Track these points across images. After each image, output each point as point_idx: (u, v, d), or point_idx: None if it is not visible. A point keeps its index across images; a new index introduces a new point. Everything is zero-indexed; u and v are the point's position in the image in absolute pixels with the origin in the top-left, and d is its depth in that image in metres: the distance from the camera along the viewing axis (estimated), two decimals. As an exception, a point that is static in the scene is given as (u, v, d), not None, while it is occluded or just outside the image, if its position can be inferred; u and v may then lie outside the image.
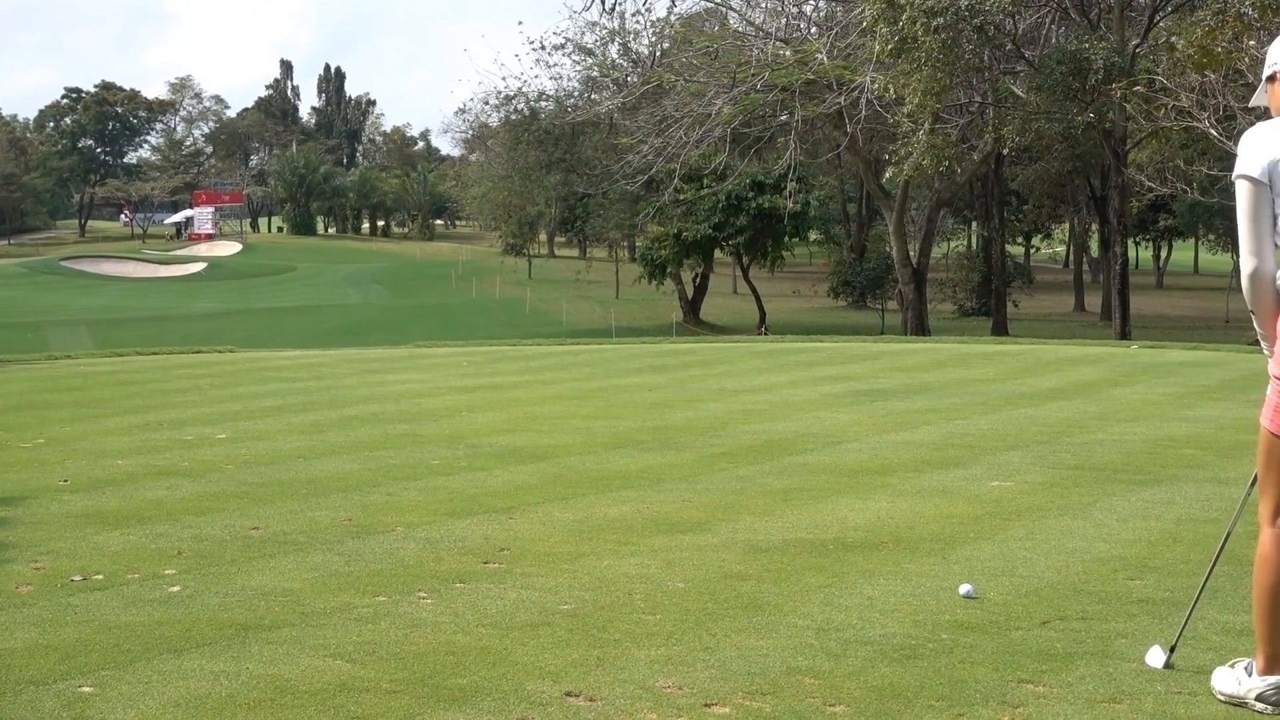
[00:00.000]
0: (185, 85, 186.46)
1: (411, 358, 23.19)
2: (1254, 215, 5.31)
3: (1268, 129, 5.36)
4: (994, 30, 42.65)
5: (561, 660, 5.98)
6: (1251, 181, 5.29)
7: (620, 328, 62.99)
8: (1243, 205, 5.33)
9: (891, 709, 5.40)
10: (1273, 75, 5.49)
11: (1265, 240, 5.32)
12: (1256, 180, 5.28)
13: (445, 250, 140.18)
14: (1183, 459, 11.76)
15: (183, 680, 5.70)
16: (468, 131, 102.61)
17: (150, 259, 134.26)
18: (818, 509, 9.56)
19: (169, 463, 11.50)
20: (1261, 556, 5.53)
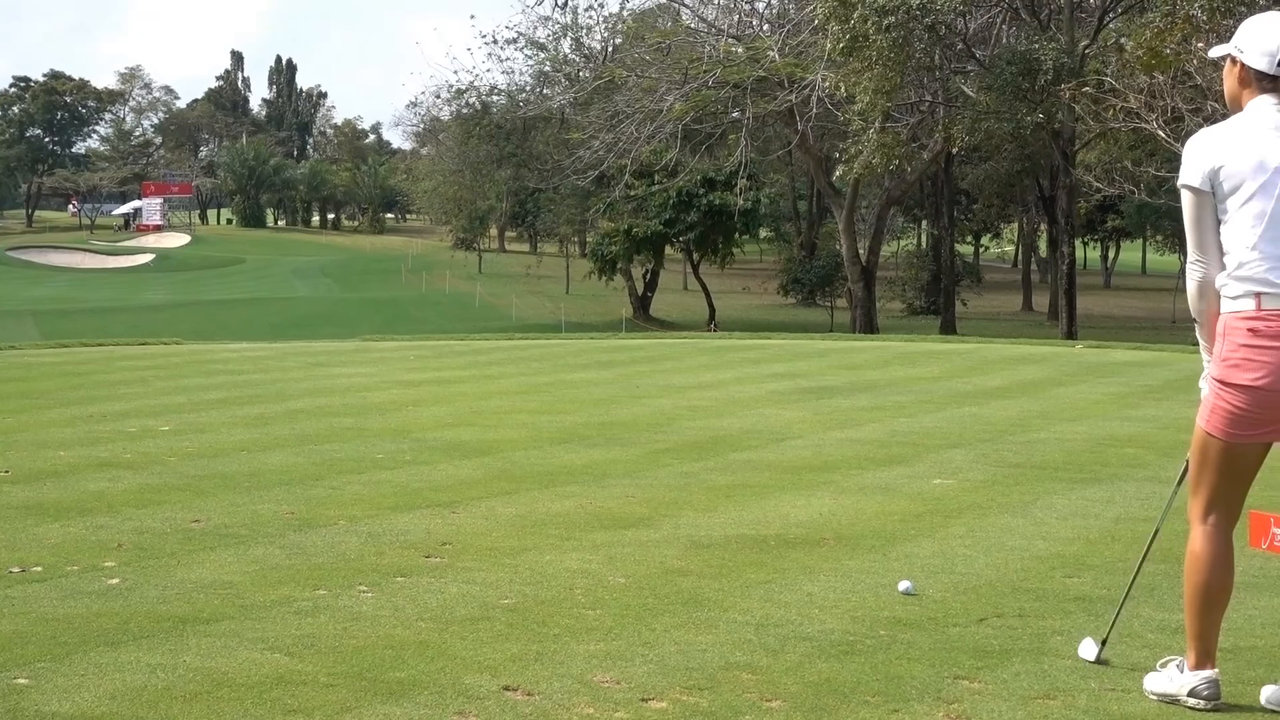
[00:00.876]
0: (135, 75, 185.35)
1: (358, 351, 23.14)
2: (1198, 223, 5.40)
3: (1211, 135, 5.40)
4: (945, 30, 42.85)
5: (500, 654, 5.98)
6: (1193, 191, 5.36)
7: (570, 323, 62.93)
8: (1187, 214, 5.43)
9: (828, 704, 5.42)
10: (1231, 58, 5.51)
11: (1210, 248, 5.40)
12: (1197, 189, 5.34)
13: (395, 244, 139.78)
14: (1124, 458, 11.85)
15: (119, 673, 5.68)
16: (419, 125, 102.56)
17: (98, 250, 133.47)
18: (760, 505, 9.59)
19: (111, 454, 11.44)
20: (1192, 554, 5.60)
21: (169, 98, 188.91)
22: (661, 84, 48.85)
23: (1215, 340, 5.45)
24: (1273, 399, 5.32)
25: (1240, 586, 7.08)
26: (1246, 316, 5.31)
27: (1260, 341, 5.29)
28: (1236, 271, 5.33)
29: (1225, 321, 5.40)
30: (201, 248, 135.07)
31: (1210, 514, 5.59)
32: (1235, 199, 5.31)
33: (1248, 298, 5.31)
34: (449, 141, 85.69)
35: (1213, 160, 5.32)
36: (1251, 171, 5.28)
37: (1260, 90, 5.39)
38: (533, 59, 66.69)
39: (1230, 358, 5.37)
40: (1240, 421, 5.41)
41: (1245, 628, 6.55)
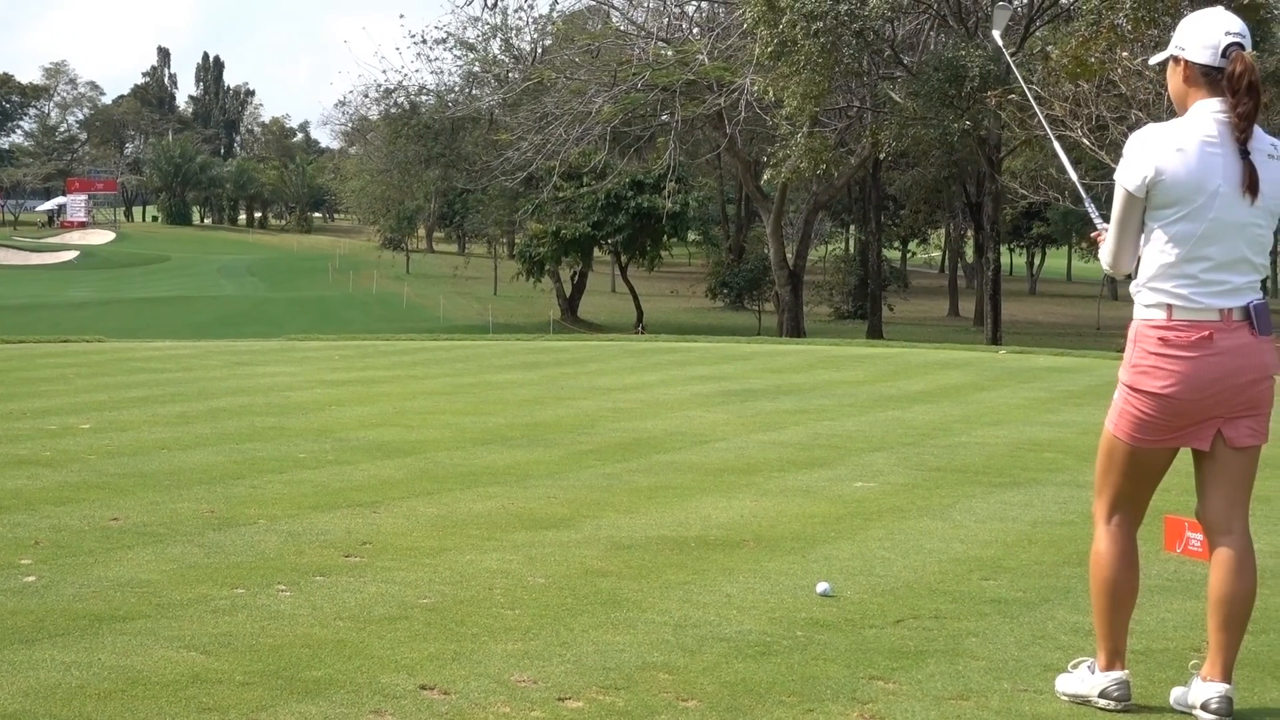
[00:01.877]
0: (60, 70, 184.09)
1: (282, 350, 23.04)
2: (1123, 222, 5.48)
3: (1156, 140, 5.41)
4: (873, 36, 43.00)
5: (418, 654, 5.98)
6: (1127, 193, 5.41)
7: (498, 324, 62.85)
8: (1116, 209, 5.49)
9: (743, 704, 5.45)
10: (1174, 58, 5.51)
11: (1126, 247, 5.51)
12: (1131, 194, 5.40)
13: (323, 243, 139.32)
14: (1043, 462, 11.95)
15: (33, 670, 5.64)
16: (347, 124, 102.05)
17: (21, 246, 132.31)
18: (682, 507, 9.61)
19: (30, 452, 11.36)
20: (1096, 554, 5.68)
21: (94, 94, 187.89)
22: (590, 86, 48.85)
23: (1127, 345, 5.53)
24: (1180, 407, 5.41)
25: (1154, 590, 7.18)
26: (1158, 325, 5.41)
27: (1170, 351, 5.38)
28: (1150, 282, 5.42)
29: (1137, 329, 5.50)
30: (126, 245, 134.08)
31: (1114, 514, 5.68)
32: (1165, 214, 5.37)
33: (1159, 308, 5.40)
34: (377, 141, 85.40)
35: (1153, 169, 5.33)
36: (1187, 192, 5.31)
37: (1205, 91, 5.40)
38: (462, 59, 66.59)
39: (1140, 364, 5.46)
40: (1147, 427, 5.50)
41: (1157, 630, 6.63)
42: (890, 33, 45.18)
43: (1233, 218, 5.31)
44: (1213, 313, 5.34)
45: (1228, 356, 5.35)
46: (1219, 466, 5.55)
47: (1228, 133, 5.32)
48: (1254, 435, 5.50)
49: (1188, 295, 5.34)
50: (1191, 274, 5.33)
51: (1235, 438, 5.47)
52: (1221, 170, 5.30)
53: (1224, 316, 5.34)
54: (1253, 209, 5.33)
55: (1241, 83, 5.27)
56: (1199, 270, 5.33)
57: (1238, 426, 5.46)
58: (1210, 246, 5.33)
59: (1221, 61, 5.33)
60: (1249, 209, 5.32)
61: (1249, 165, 5.29)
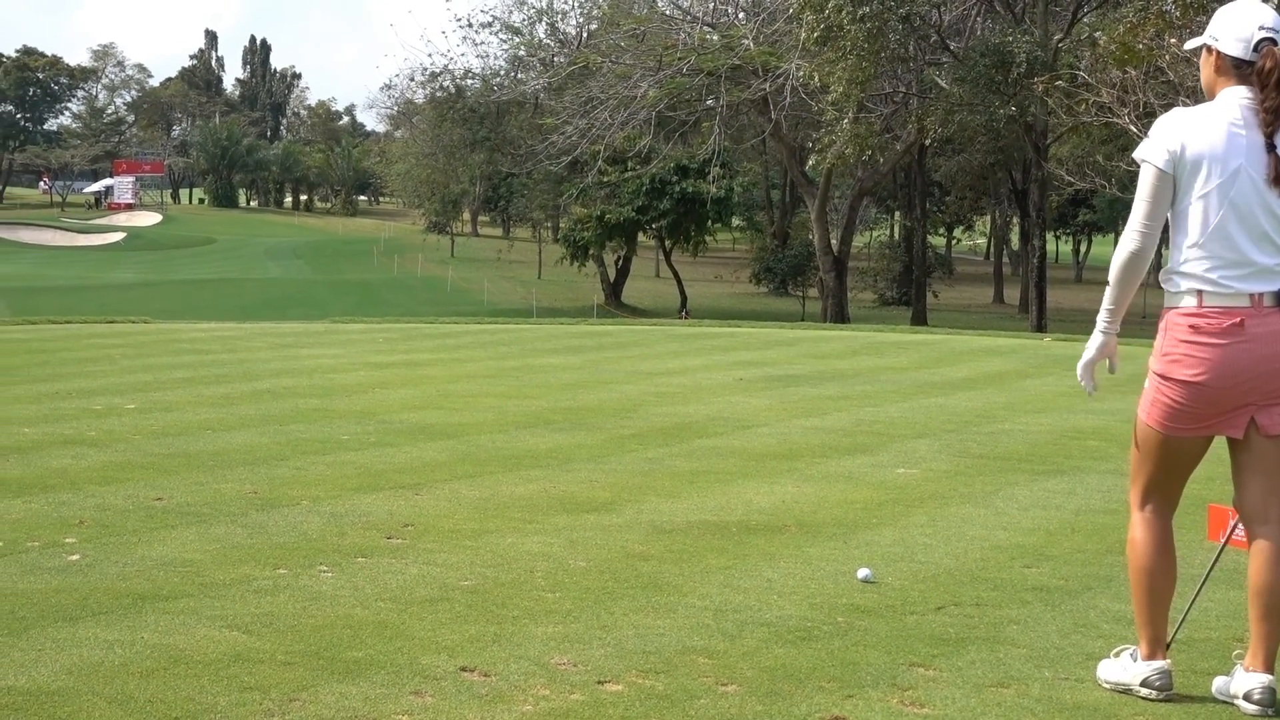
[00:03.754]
0: (108, 53, 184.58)
1: (327, 333, 23.12)
2: (1154, 199, 5.42)
3: (1181, 119, 5.43)
4: (919, 21, 42.91)
5: (458, 635, 6.00)
6: (1156, 169, 5.38)
7: (541, 308, 62.90)
8: (1144, 188, 5.43)
9: (783, 689, 5.44)
10: (1207, 47, 5.51)
11: (1157, 223, 5.43)
12: (1160, 169, 5.37)
13: (368, 226, 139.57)
14: (1086, 450, 11.90)
15: (76, 648, 5.68)
16: (393, 108, 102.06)
17: (69, 227, 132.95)
18: (723, 492, 9.61)
19: (76, 431, 11.43)
20: (1132, 542, 5.70)
21: (142, 76, 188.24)
22: (636, 70, 48.81)
23: (1158, 334, 5.53)
24: (1211, 394, 5.38)
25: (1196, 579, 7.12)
26: (1188, 313, 5.40)
27: (1201, 338, 5.36)
28: (1180, 267, 5.41)
29: (1167, 317, 5.49)
30: (173, 227, 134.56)
31: (1148, 502, 5.69)
32: (1191, 192, 5.35)
33: (1190, 294, 5.38)
34: (423, 125, 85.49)
35: (1179, 146, 5.34)
36: (1212, 169, 5.31)
37: (1235, 80, 5.40)
38: (507, 43, 66.75)
39: (1171, 353, 5.45)
40: (1179, 415, 5.48)
41: (1200, 620, 6.59)
42: (937, 18, 45.05)
43: (1258, 199, 5.30)
44: (1243, 298, 5.32)
45: (1260, 343, 5.33)
46: (1255, 455, 5.51)
47: (1254, 119, 5.31)
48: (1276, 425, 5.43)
49: (1218, 280, 5.33)
50: (1219, 255, 5.32)
51: (1269, 425, 5.42)
52: (1245, 151, 5.29)
53: (1255, 302, 5.32)
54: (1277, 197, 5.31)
55: (1271, 78, 5.27)
56: (1226, 251, 5.32)
57: (1272, 414, 5.41)
58: (1235, 225, 5.32)
59: (1253, 55, 5.34)
60: (1275, 196, 5.31)
61: (1275, 158, 5.28)
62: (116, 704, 5.06)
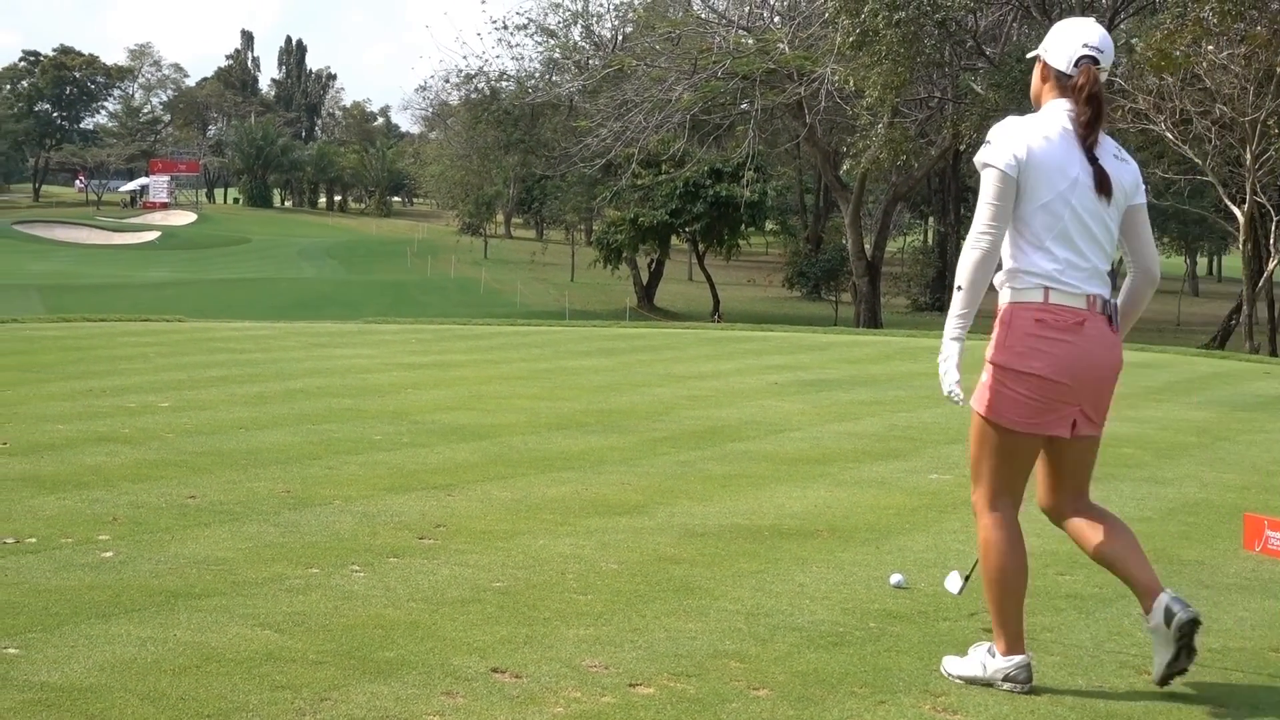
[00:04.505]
0: (145, 52, 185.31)
1: (361, 333, 23.15)
2: (1000, 202, 5.54)
3: (1020, 126, 5.61)
4: (955, 26, 42.81)
5: (490, 636, 6.00)
6: (1000, 174, 5.52)
7: (574, 311, 62.98)
8: (988, 192, 5.55)
9: (815, 694, 5.43)
10: (1039, 57, 5.75)
11: (1002, 228, 5.55)
12: (1005, 174, 5.51)
13: (401, 227, 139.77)
14: (1121, 458, 11.83)
15: (109, 645, 5.69)
16: (427, 109, 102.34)
17: (104, 226, 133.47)
18: (756, 496, 9.60)
19: (110, 429, 11.46)
20: (986, 543, 5.76)
21: (178, 76, 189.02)
22: (671, 74, 48.77)
23: (996, 327, 5.67)
24: (1053, 389, 5.54)
25: (1230, 588, 7.12)
26: (1034, 307, 5.55)
27: (1048, 333, 5.53)
28: (1023, 266, 5.57)
29: (1011, 311, 5.62)
30: (207, 226, 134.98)
31: (996, 501, 5.74)
32: (1033, 197, 5.53)
33: (1037, 290, 5.54)
34: (457, 126, 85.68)
35: (1024, 152, 5.51)
36: (1052, 175, 5.51)
37: (1058, 92, 5.65)
38: (542, 46, 66.77)
39: (1015, 346, 5.58)
40: (1021, 409, 5.60)
41: (1235, 630, 6.56)
42: (973, 23, 44.93)
43: (1092, 206, 5.55)
44: (1082, 299, 5.55)
45: (1093, 344, 5.58)
46: (1067, 455, 5.79)
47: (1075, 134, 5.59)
48: (1092, 425, 5.71)
49: (1062, 280, 5.52)
50: (1063, 258, 5.51)
51: (1085, 428, 5.69)
52: (1079, 161, 5.55)
53: (1090, 304, 5.56)
54: (1107, 206, 5.59)
55: (1082, 94, 5.56)
56: (1069, 254, 5.52)
57: (1088, 417, 5.68)
58: (1075, 230, 5.53)
59: (1072, 70, 5.61)
60: (1103, 205, 5.57)
61: (1099, 168, 5.56)
62: (149, 701, 5.07)
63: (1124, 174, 5.65)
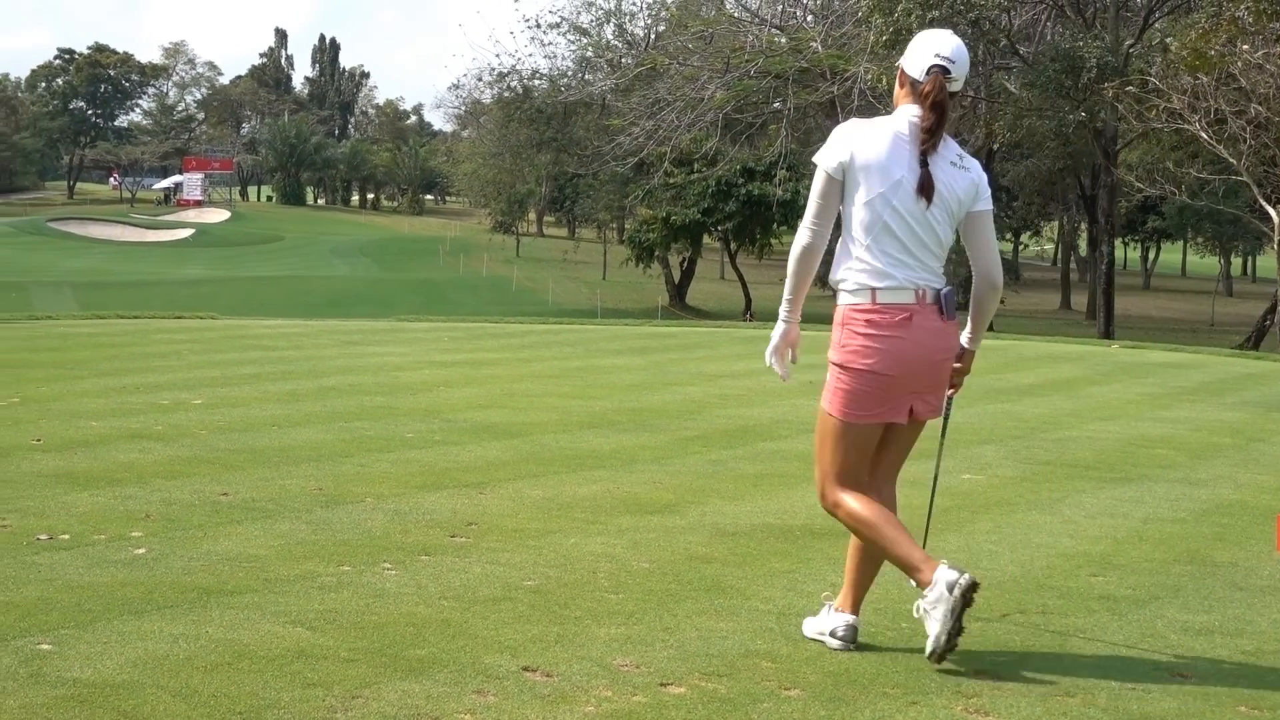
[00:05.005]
0: (179, 50, 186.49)
1: (393, 331, 23.17)
2: (824, 200, 5.92)
3: (854, 129, 5.96)
4: (989, 25, 42.69)
5: (521, 635, 5.99)
6: (827, 174, 5.89)
7: (606, 309, 63.02)
8: (816, 189, 5.94)
9: (846, 694, 5.42)
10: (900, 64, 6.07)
11: (827, 221, 5.94)
12: (830, 176, 5.88)
13: (434, 225, 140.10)
14: (1154, 458, 11.80)
15: (141, 641, 5.71)
16: (460, 107, 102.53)
17: (138, 223, 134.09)
18: (788, 495, 9.58)
19: (143, 426, 11.49)
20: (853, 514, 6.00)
21: (212, 74, 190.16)
22: (703, 72, 48.75)
23: (834, 328, 6.03)
24: (886, 382, 5.90)
25: (1264, 590, 7.09)
26: (863, 309, 5.89)
27: (876, 331, 5.88)
28: (851, 265, 5.93)
29: (844, 312, 5.98)
30: (241, 224, 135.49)
31: (843, 482, 6.06)
32: (857, 197, 5.86)
33: (864, 291, 5.88)
34: (490, 124, 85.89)
35: (848, 154, 5.85)
36: (874, 178, 5.82)
37: (910, 98, 5.93)
38: (575, 44, 66.86)
39: (850, 344, 5.94)
40: (859, 402, 5.96)
41: (1270, 632, 6.53)
42: (1006, 22, 44.82)
43: (916, 208, 5.83)
44: (909, 294, 5.87)
45: (924, 335, 5.90)
46: (900, 437, 6.16)
47: (916, 138, 5.86)
48: (933, 410, 6.12)
49: (887, 276, 5.85)
50: (887, 255, 5.85)
51: (921, 411, 6.06)
52: (908, 163, 5.83)
53: (919, 299, 5.88)
54: (932, 208, 5.84)
55: (927, 100, 5.83)
56: (894, 251, 5.85)
57: (925, 401, 6.04)
58: (899, 230, 5.83)
59: (924, 78, 5.88)
60: (927, 207, 5.83)
61: (925, 172, 5.81)
62: (180, 698, 5.08)
63: (956, 180, 5.91)
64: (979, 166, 6.06)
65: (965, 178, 5.94)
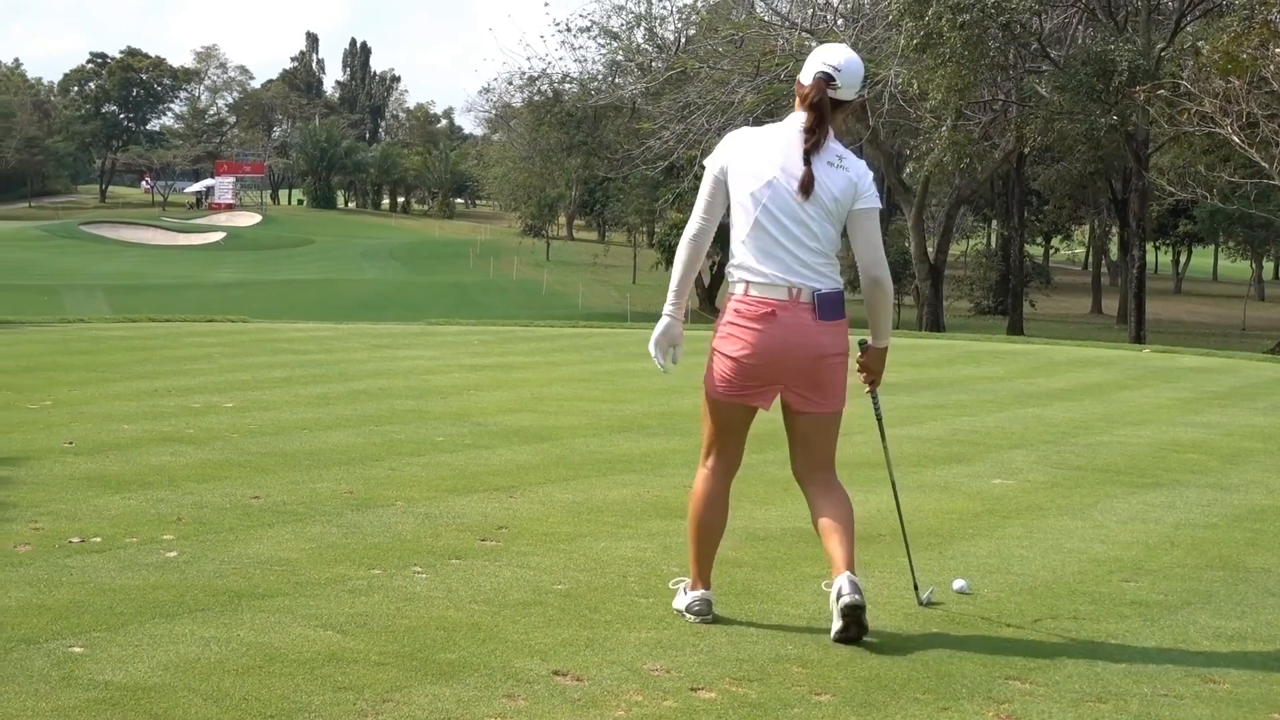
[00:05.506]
0: (211, 54, 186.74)
1: (423, 335, 23.19)
2: (710, 198, 6.41)
3: (741, 135, 6.47)
4: (1020, 29, 42.60)
5: (551, 639, 6.00)
6: (711, 175, 6.40)
7: (636, 313, 62.97)
8: (703, 189, 6.43)
9: (877, 700, 5.41)
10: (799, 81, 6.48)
11: (711, 219, 6.42)
12: (715, 177, 6.39)
13: (464, 229, 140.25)
14: (1186, 463, 11.76)
15: (173, 644, 5.73)
16: (491, 111, 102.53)
17: (169, 227, 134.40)
18: (818, 499, 9.55)
19: (174, 429, 11.52)
20: (694, 494, 6.64)
21: (244, 78, 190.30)
22: (733, 76, 48.72)
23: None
24: (747, 369, 6.35)
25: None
26: (737, 299, 6.36)
27: (743, 321, 6.33)
28: (733, 260, 6.38)
29: (726, 301, 6.43)
30: (272, 227, 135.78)
31: (708, 459, 6.63)
32: (735, 197, 6.33)
33: (740, 283, 6.36)
34: (520, 128, 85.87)
35: (728, 159, 6.36)
36: (746, 178, 6.28)
37: (800, 105, 6.37)
38: (605, 48, 66.70)
39: (722, 331, 6.44)
40: (726, 385, 6.44)
41: (1303, 637, 6.50)
42: (1038, 26, 44.69)
43: (789, 206, 6.23)
44: (781, 290, 6.27)
45: (789, 330, 6.28)
46: (794, 428, 6.58)
47: (799, 139, 6.28)
48: (809, 404, 6.46)
49: (760, 273, 6.27)
50: (761, 250, 6.27)
51: (794, 403, 6.45)
52: (781, 165, 6.24)
53: (791, 296, 6.27)
54: (807, 205, 6.23)
55: (806, 102, 6.31)
56: (768, 248, 6.26)
57: (800, 396, 6.42)
58: (773, 227, 6.24)
59: (805, 87, 6.37)
60: (803, 204, 6.23)
61: (808, 170, 6.21)
62: (212, 701, 5.09)
63: (833, 179, 6.25)
64: (861, 167, 6.37)
65: (843, 176, 6.27)
